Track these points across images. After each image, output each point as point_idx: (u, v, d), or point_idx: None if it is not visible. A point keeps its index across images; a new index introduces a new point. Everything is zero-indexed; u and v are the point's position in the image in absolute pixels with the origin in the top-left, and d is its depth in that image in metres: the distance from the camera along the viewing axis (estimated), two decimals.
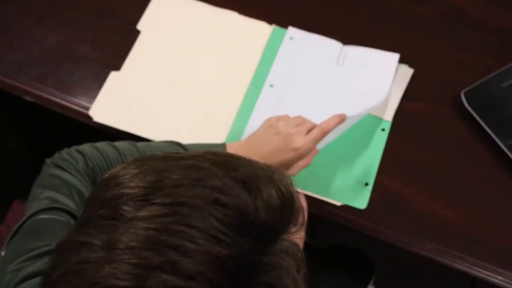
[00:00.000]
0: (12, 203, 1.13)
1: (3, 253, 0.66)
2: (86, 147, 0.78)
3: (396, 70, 0.94)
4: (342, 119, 0.81)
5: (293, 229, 0.47)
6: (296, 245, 0.47)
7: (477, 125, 0.90)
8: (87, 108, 0.93)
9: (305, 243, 0.84)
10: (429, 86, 0.94)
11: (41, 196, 0.71)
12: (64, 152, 0.78)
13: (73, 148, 0.79)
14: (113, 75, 0.95)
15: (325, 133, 0.80)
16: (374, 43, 0.96)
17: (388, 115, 0.92)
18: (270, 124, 0.81)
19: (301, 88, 0.93)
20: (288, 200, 0.46)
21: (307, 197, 0.86)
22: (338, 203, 0.86)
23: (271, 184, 0.45)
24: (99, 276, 0.40)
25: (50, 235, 0.65)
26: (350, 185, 0.87)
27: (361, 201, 0.86)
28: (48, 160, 0.78)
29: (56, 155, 0.78)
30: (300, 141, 0.78)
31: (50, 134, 1.25)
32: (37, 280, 0.61)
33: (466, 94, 0.91)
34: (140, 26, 0.98)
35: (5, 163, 1.23)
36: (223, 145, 0.83)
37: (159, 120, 0.92)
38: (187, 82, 0.95)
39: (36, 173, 0.78)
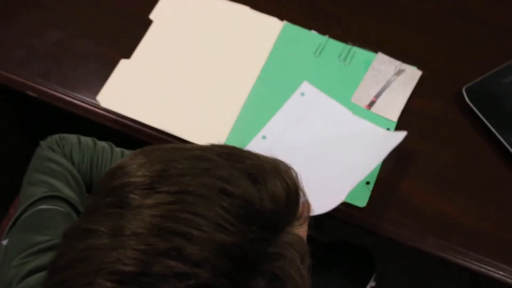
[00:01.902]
0: (15, 198, 1.13)
1: (4, 242, 0.67)
2: (71, 138, 0.80)
3: (405, 71, 0.94)
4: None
5: (298, 222, 0.47)
6: (300, 237, 0.47)
7: (478, 121, 0.90)
8: (90, 104, 0.93)
9: (309, 236, 0.85)
10: (431, 82, 0.94)
11: (39, 182, 0.71)
12: (57, 136, 0.80)
13: (63, 135, 0.81)
14: (123, 63, 0.96)
15: None
16: (376, 41, 0.97)
17: (394, 116, 0.92)
18: None
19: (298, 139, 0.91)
20: (293, 192, 0.46)
21: None
22: None
23: (276, 176, 0.46)
24: (105, 261, 0.41)
25: (52, 229, 0.66)
26: None
27: (361, 200, 0.87)
28: (42, 143, 0.79)
29: (49, 138, 0.79)
30: None
31: (53, 129, 1.25)
32: (41, 274, 0.61)
33: (467, 90, 0.91)
34: (152, 16, 0.99)
35: (8, 158, 1.23)
36: None
37: (166, 109, 0.93)
38: (195, 73, 0.96)
39: None
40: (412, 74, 0.95)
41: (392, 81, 0.94)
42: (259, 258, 0.43)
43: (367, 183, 0.88)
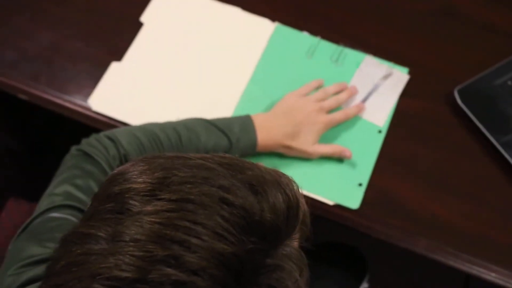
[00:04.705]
0: (7, 202, 1.12)
1: (10, 247, 0.66)
2: (118, 133, 0.76)
3: (392, 75, 0.95)
4: (361, 109, 0.91)
5: (297, 235, 0.47)
6: (299, 250, 0.47)
7: (470, 123, 0.90)
8: (81, 106, 0.93)
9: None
10: (423, 84, 0.94)
11: (58, 190, 0.70)
12: (93, 139, 0.76)
13: (102, 134, 0.76)
14: (114, 66, 0.95)
15: (347, 119, 0.90)
16: (370, 41, 0.97)
17: (381, 121, 0.92)
18: (300, 94, 0.89)
19: None
20: (293, 204, 0.46)
21: None
22: (330, 202, 0.87)
23: (277, 188, 0.46)
24: (102, 267, 0.41)
25: (57, 241, 0.64)
26: (343, 185, 0.88)
27: (354, 201, 0.87)
28: (73, 147, 0.76)
29: (84, 141, 0.76)
30: (324, 119, 0.87)
31: (45, 131, 1.25)
32: (38, 284, 0.60)
33: (459, 92, 0.91)
34: (143, 18, 0.99)
35: (0, 160, 1.23)
36: (249, 117, 0.84)
37: (158, 112, 0.92)
38: (187, 75, 0.95)
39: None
40: (399, 78, 0.94)
41: (379, 85, 0.94)
42: (257, 269, 0.43)
43: (360, 184, 0.88)
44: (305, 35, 0.98)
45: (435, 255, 0.84)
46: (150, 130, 0.78)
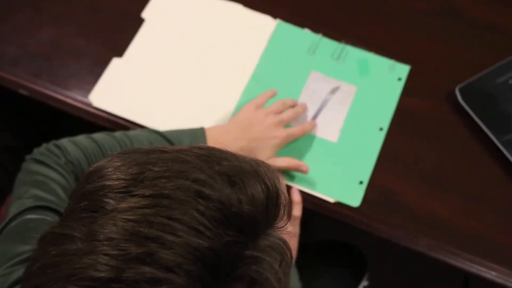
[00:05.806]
0: (6, 198, 1.12)
1: None
2: (63, 142, 0.77)
3: (339, 88, 0.94)
4: (315, 126, 0.91)
5: (279, 224, 0.46)
6: (283, 240, 0.46)
7: (471, 121, 0.90)
8: (82, 102, 0.93)
9: (300, 237, 0.84)
10: (424, 82, 0.94)
11: (26, 194, 0.70)
12: (43, 148, 0.77)
13: (51, 143, 0.78)
14: (115, 62, 0.95)
15: (304, 134, 0.88)
16: (371, 40, 0.97)
17: (334, 136, 0.91)
18: (257, 105, 0.87)
19: None
20: (273, 194, 0.45)
21: (301, 192, 0.87)
22: (331, 200, 0.87)
23: (255, 178, 0.45)
24: (77, 267, 0.40)
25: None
26: (344, 182, 0.88)
27: (355, 199, 0.87)
28: (27, 157, 0.77)
29: (35, 151, 0.77)
30: (282, 133, 0.85)
31: (45, 128, 1.25)
32: None
33: (460, 90, 0.91)
34: (144, 14, 0.99)
35: (0, 157, 1.23)
36: (202, 130, 0.82)
37: (159, 108, 0.92)
38: (188, 72, 0.95)
39: None
40: (347, 91, 0.94)
41: (328, 100, 0.93)
42: (235, 262, 0.42)
43: (361, 182, 0.88)
44: (306, 32, 0.98)
45: (435, 253, 0.84)
46: (99, 140, 0.78)
